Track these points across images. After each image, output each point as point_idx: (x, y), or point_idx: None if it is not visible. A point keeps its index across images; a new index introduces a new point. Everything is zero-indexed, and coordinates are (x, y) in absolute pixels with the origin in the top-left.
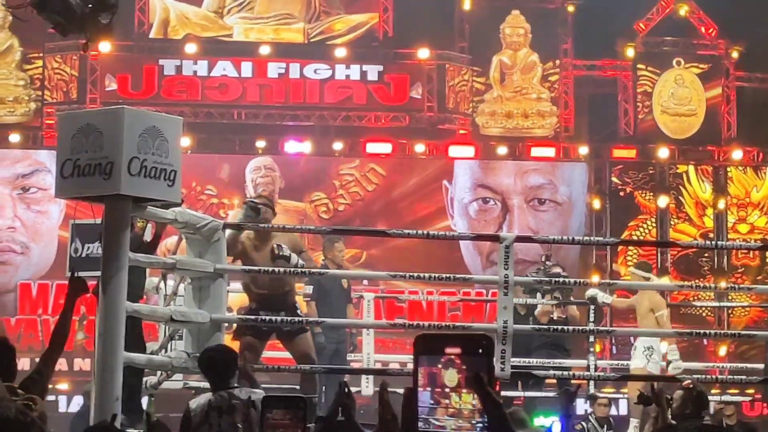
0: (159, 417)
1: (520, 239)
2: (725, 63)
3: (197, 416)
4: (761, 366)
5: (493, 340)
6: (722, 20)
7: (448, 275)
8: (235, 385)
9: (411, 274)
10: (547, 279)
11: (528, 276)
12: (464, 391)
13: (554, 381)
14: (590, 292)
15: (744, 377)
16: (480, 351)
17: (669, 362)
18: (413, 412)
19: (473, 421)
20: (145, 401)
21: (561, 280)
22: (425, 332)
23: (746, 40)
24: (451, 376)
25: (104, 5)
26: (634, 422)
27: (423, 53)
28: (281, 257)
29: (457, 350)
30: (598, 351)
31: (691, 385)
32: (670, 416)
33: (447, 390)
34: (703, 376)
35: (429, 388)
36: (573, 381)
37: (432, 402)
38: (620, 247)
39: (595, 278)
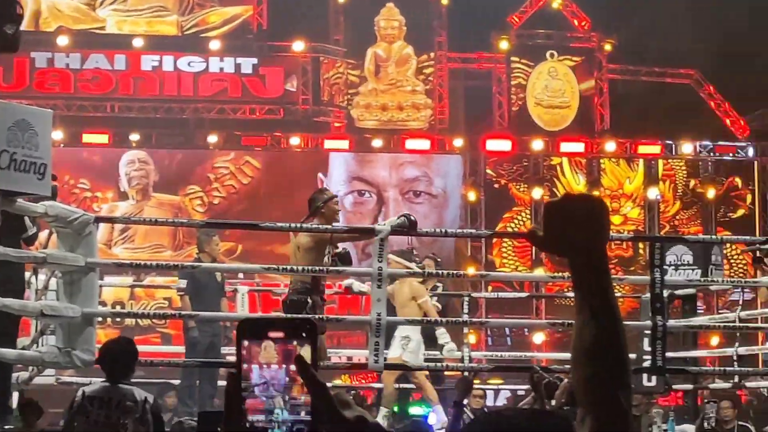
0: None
1: (395, 232)
2: (598, 56)
3: (76, 404)
4: (633, 356)
5: (316, 324)
6: (595, 13)
7: (322, 267)
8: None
9: (284, 267)
10: (420, 272)
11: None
12: (287, 372)
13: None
14: (347, 282)
15: None
16: (303, 335)
17: (442, 346)
18: (237, 396)
19: (295, 403)
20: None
21: (434, 272)
22: (249, 317)
23: (619, 33)
24: (274, 360)
25: (9, 16)
26: (383, 411)
27: (298, 46)
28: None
29: (280, 334)
30: (474, 342)
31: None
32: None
33: (271, 373)
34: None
35: (254, 372)
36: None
37: (256, 386)
38: (495, 239)
39: (471, 270)
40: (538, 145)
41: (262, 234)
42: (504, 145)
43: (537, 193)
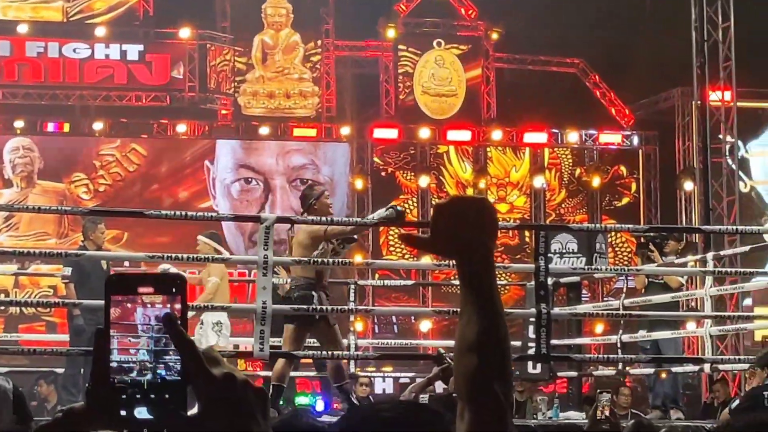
0: None
1: (280, 220)
2: (485, 44)
3: None
4: (519, 343)
5: (186, 279)
6: (482, 2)
7: (207, 256)
8: None
9: (169, 255)
10: (307, 260)
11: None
12: (156, 330)
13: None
14: (162, 266)
15: None
16: (174, 290)
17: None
18: (104, 353)
19: (165, 361)
20: None
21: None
22: (117, 272)
23: (505, 21)
24: (143, 316)
25: None
26: None
27: (184, 33)
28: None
29: (150, 290)
30: (360, 331)
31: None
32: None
33: (140, 329)
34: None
35: (122, 329)
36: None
37: (125, 343)
38: (382, 227)
39: (358, 258)
40: (425, 133)
41: (148, 222)
42: (391, 133)
43: (424, 181)
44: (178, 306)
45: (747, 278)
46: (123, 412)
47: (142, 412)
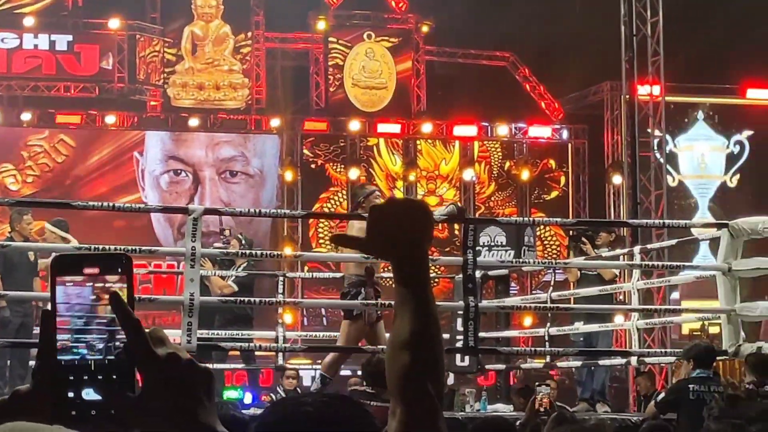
0: None
1: (208, 212)
2: (415, 37)
3: None
4: (447, 336)
5: (131, 258)
6: None
7: (134, 247)
8: None
9: (96, 246)
10: (234, 252)
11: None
12: (102, 310)
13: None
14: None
15: None
16: (120, 270)
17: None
18: (50, 335)
19: (112, 340)
20: None
21: (251, 251)
22: (63, 253)
23: (436, 14)
24: (89, 296)
25: None
26: None
27: (114, 23)
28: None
29: (96, 270)
30: (290, 323)
31: None
32: None
33: (86, 310)
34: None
35: (68, 310)
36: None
37: (71, 323)
38: (311, 219)
39: (288, 250)
40: (355, 125)
41: (76, 213)
42: (321, 125)
43: (353, 173)
44: (124, 285)
45: (674, 272)
46: (70, 394)
47: (89, 393)
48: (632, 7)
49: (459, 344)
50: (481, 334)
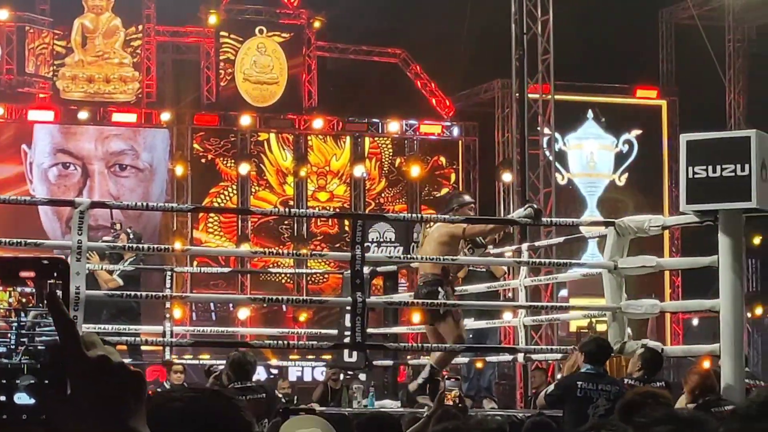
0: None
1: (95, 205)
2: (307, 33)
3: None
4: (335, 332)
5: (68, 264)
6: None
7: (19, 240)
8: None
9: None
10: (121, 245)
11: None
12: (36, 315)
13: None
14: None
15: (316, 342)
16: (55, 274)
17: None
18: None
19: (45, 343)
20: None
21: (138, 245)
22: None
23: (328, 10)
24: (23, 299)
25: None
26: None
27: (2, 15)
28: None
29: (32, 273)
30: (178, 318)
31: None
32: None
33: (20, 314)
34: (276, 342)
35: (1, 314)
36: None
37: (3, 327)
38: (201, 214)
39: (178, 245)
40: (245, 120)
41: None
42: (211, 119)
43: (244, 168)
44: (59, 291)
45: (562, 269)
46: (2, 398)
47: (21, 398)
48: (523, 6)
49: (347, 340)
50: (370, 330)
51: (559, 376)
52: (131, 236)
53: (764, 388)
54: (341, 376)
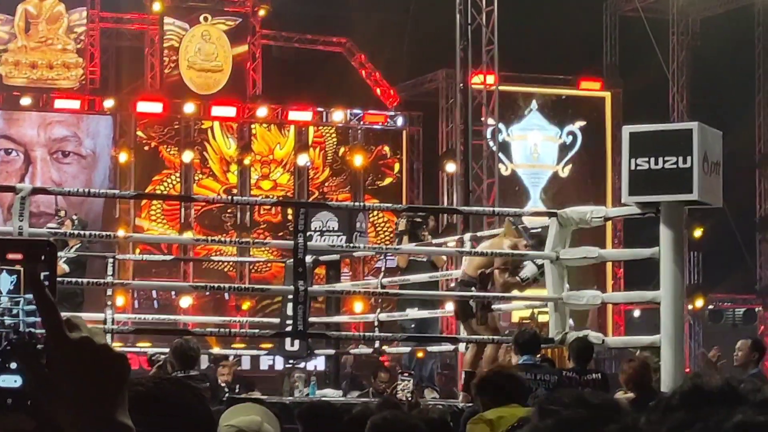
0: None
1: (37, 191)
2: (252, 21)
3: None
4: (277, 320)
5: (56, 246)
6: None
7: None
8: None
9: None
10: (63, 232)
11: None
12: (20, 297)
13: None
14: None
15: (258, 331)
16: (43, 257)
17: None
18: None
19: (28, 326)
20: None
21: (77, 233)
22: None
23: None
24: (9, 281)
25: None
26: None
27: None
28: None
29: (19, 256)
30: (121, 305)
31: None
32: None
33: (6, 295)
34: (218, 330)
35: None
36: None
37: None
38: (144, 201)
39: (121, 232)
40: (189, 108)
41: None
42: (155, 107)
43: (187, 156)
44: (46, 272)
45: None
46: None
47: (6, 380)
48: None
49: (288, 328)
50: (312, 319)
51: None
52: (76, 223)
53: (691, 376)
54: None
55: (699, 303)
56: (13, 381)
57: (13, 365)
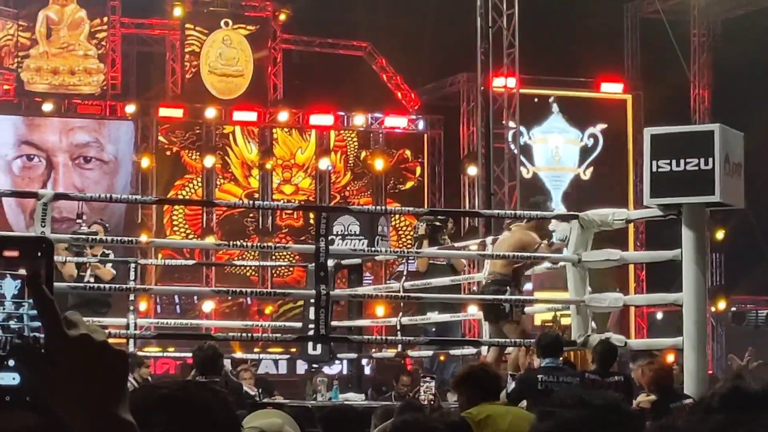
0: None
1: (58, 197)
2: (273, 25)
3: None
4: (299, 325)
5: (52, 242)
6: None
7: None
8: None
9: None
10: (85, 236)
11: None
12: (19, 294)
13: None
14: None
15: (280, 335)
16: (39, 254)
17: None
18: None
19: (30, 323)
20: None
21: (100, 238)
22: None
23: (293, 3)
24: (6, 278)
25: None
26: None
27: None
28: None
29: (15, 253)
30: (144, 310)
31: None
32: None
33: (4, 293)
34: (240, 335)
35: None
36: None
37: None
38: (166, 206)
39: (143, 237)
40: (210, 113)
41: None
42: (177, 112)
43: (209, 161)
44: (43, 270)
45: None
46: None
47: (4, 378)
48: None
49: (311, 333)
50: (334, 323)
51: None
52: (108, 227)
53: (731, 378)
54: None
55: (721, 305)
56: (11, 378)
57: (11, 362)
